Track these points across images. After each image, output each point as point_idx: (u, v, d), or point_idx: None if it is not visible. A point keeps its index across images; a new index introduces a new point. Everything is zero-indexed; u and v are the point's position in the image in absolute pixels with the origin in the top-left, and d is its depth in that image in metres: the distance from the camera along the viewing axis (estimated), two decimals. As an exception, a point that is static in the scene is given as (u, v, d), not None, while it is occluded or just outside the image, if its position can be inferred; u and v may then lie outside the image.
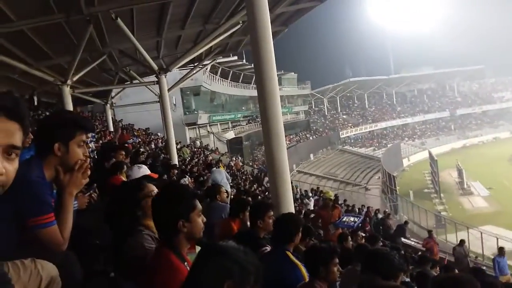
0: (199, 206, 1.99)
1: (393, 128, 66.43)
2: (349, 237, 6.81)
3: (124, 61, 16.37)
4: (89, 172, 1.95)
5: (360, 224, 8.82)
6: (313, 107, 70.86)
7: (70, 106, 12.74)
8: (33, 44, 10.67)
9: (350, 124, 65.60)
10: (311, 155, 48.47)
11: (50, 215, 1.80)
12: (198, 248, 2.24)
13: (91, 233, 3.03)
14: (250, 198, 7.99)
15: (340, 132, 61.39)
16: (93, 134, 13.59)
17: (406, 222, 19.20)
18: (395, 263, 2.94)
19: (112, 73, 17.94)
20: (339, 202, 22.03)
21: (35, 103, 14.08)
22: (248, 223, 4.21)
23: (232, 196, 8.30)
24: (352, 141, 61.39)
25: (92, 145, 11.37)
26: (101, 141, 14.35)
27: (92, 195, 3.22)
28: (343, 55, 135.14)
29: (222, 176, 9.60)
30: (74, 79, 12.94)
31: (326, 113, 69.56)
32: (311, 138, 55.26)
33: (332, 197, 9.68)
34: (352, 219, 8.79)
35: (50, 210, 1.81)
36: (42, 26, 9.11)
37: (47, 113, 14.58)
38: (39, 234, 1.77)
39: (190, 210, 1.93)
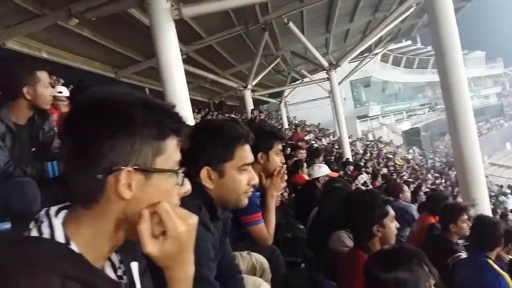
0: (392, 212, 2.01)
1: None
2: None
3: (295, 61, 17.19)
4: (286, 177, 2.18)
5: None
6: (508, 89, 60.31)
7: (250, 107, 14.07)
8: (219, 56, 12.22)
9: (561, 105, 53.54)
10: (508, 145, 41.44)
11: (258, 214, 2.09)
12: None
13: (283, 228, 3.31)
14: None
15: (546, 116, 50.68)
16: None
17: None
18: None
19: (285, 73, 19.05)
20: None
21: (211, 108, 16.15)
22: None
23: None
24: None
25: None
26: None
27: (284, 194, 3.51)
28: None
29: None
30: (254, 83, 14.31)
31: (526, 94, 58.43)
32: (506, 124, 47.27)
33: None
34: None
35: (258, 210, 2.10)
36: (226, 39, 10.35)
37: (232, 115, 16.42)
38: (250, 231, 2.08)
39: (383, 216, 1.96)
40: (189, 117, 5.25)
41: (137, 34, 8.03)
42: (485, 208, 6.07)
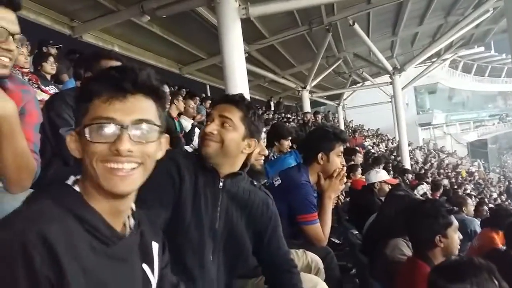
0: (456, 222, 1.93)
1: None
2: None
3: (357, 64, 16.80)
4: (345, 179, 2.17)
5: None
6: None
7: (308, 109, 13.95)
8: (280, 56, 12.25)
9: None
10: None
11: (314, 214, 2.10)
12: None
13: (336, 232, 3.28)
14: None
15: None
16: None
17: None
18: None
19: (346, 76, 18.67)
20: None
21: (272, 108, 16.09)
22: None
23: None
24: None
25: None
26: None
27: (339, 197, 3.48)
28: None
29: None
30: (313, 84, 14.17)
31: None
32: None
33: None
34: None
35: (314, 210, 2.11)
36: (288, 39, 10.36)
37: (288, 115, 16.38)
38: (305, 230, 2.09)
39: (447, 226, 1.89)
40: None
41: (203, 32, 8.28)
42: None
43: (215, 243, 1.42)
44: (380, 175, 4.37)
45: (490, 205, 10.26)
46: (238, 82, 5.26)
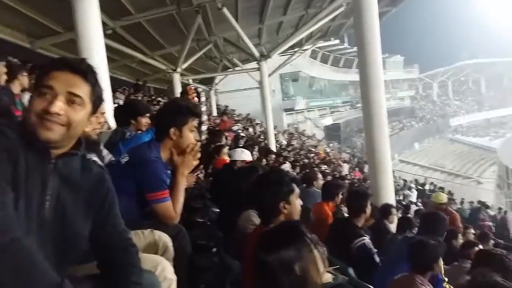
0: (297, 189, 2.08)
1: (515, 116, 58.86)
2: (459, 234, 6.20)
3: (228, 49, 17.10)
4: (199, 155, 2.15)
5: None
6: (420, 92, 65.93)
7: (179, 91, 13.73)
8: (149, 35, 11.73)
9: (463, 111, 59.78)
10: (416, 144, 45.45)
11: (165, 192, 2.03)
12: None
13: (199, 211, 3.30)
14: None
15: (451, 120, 56.23)
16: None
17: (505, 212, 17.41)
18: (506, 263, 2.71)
19: (217, 60, 18.87)
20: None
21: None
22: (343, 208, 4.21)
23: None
24: (464, 129, 55.95)
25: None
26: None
27: (199, 175, 3.49)
28: (457, 36, 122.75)
29: None
30: (183, 67, 13.96)
31: (435, 99, 64.21)
32: (416, 125, 51.72)
33: (444, 201, 6.89)
34: None
35: (165, 187, 2.04)
36: (156, 18, 9.95)
37: (159, 99, 15.90)
38: (155, 208, 2.01)
39: (290, 193, 2.02)
40: (107, 96, 4.97)
41: (57, 2, 7.40)
42: (390, 199, 6.64)
43: (42, 234, 1.17)
44: (244, 155, 4.57)
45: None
46: (95, 58, 4.84)
